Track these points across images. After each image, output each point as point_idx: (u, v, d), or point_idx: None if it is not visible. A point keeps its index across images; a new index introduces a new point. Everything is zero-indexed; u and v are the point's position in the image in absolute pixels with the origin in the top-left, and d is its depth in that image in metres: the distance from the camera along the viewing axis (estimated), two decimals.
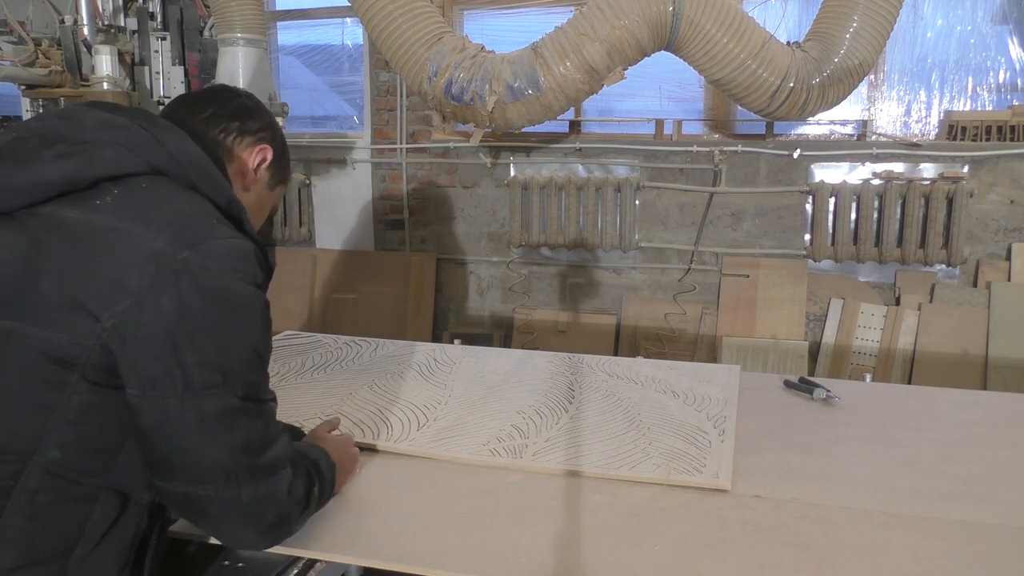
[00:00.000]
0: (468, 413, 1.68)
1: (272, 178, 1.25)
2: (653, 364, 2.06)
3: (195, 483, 0.94)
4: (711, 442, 1.53)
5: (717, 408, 1.72)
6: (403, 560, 1.13)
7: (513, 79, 3.36)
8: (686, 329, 4.06)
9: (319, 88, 4.81)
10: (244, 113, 1.19)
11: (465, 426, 1.60)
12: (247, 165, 1.19)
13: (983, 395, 2.06)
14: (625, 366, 2.04)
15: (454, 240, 4.48)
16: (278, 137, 1.25)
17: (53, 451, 0.90)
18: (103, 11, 3.25)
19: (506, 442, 1.52)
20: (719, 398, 1.78)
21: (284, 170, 1.28)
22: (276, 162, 1.24)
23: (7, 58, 3.03)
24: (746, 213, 3.96)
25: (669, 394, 1.81)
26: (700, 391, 1.83)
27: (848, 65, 3.23)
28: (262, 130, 1.21)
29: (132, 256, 0.89)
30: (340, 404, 1.72)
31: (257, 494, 0.97)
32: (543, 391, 1.82)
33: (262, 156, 1.21)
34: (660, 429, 1.59)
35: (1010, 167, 3.60)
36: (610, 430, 1.59)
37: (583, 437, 1.55)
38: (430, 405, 1.72)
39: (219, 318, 0.92)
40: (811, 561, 1.13)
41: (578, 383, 1.88)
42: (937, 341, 3.63)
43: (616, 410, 1.71)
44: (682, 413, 1.69)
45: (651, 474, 1.39)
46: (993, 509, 1.29)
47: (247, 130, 1.19)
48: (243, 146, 1.18)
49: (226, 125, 1.16)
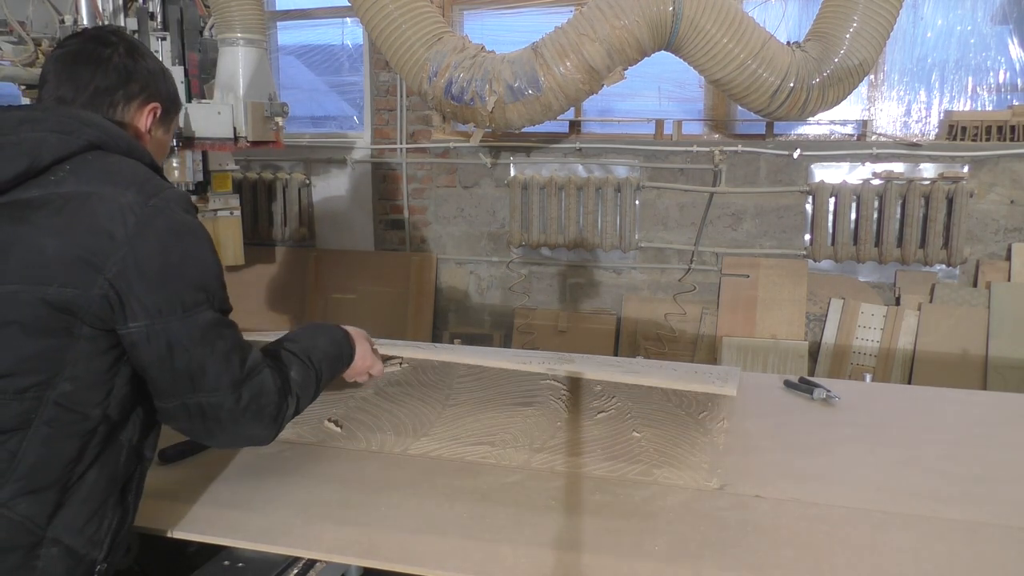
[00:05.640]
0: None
1: (163, 123, 1.29)
2: (646, 362, 2.11)
3: (208, 392, 1.09)
4: (712, 382, 1.53)
5: (718, 374, 1.69)
6: (403, 560, 1.13)
7: (513, 79, 3.36)
8: (686, 329, 4.06)
9: (319, 88, 4.81)
10: (123, 76, 1.21)
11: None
12: (140, 128, 1.24)
13: (983, 395, 2.06)
14: (620, 360, 2.10)
15: (454, 240, 4.48)
16: (159, 82, 1.26)
17: (64, 384, 1.02)
18: (103, 11, 3.25)
19: None
20: (719, 373, 1.76)
21: (173, 107, 1.31)
22: (166, 110, 1.28)
23: (7, 58, 3.03)
24: (746, 213, 3.96)
25: (669, 369, 1.86)
26: (702, 370, 1.87)
27: (848, 65, 3.23)
28: (145, 87, 1.23)
29: (111, 211, 1.03)
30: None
31: (252, 391, 1.13)
32: (542, 363, 1.80)
33: (152, 115, 1.25)
34: (662, 372, 1.67)
35: (1010, 167, 3.60)
36: (613, 370, 1.66)
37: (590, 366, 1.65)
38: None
39: (190, 246, 1.09)
40: (811, 561, 1.13)
41: (576, 365, 1.84)
42: (937, 341, 3.63)
43: (615, 367, 1.75)
44: (687, 374, 1.70)
45: (660, 382, 1.48)
46: (993, 509, 1.29)
47: (130, 95, 1.22)
48: (131, 112, 1.22)
49: (110, 99, 1.20)
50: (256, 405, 1.14)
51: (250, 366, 1.14)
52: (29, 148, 1.05)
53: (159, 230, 1.05)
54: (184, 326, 1.06)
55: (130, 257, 1.03)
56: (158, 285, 1.04)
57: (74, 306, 1.01)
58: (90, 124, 1.11)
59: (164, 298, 1.05)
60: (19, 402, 1.00)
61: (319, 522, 1.24)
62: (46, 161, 1.05)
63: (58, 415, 1.02)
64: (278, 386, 1.17)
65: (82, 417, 1.04)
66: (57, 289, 1.00)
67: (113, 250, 1.02)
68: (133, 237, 1.03)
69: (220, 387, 1.10)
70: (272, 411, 1.16)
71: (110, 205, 1.04)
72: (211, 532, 1.22)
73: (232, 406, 1.11)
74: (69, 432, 1.03)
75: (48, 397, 1.01)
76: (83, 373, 1.03)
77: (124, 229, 1.03)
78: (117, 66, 1.21)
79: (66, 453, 1.03)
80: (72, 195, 1.04)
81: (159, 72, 1.27)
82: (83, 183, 1.05)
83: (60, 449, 1.03)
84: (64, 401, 1.02)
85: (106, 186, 1.05)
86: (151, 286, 1.04)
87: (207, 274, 1.11)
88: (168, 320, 1.05)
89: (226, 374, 1.10)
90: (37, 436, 1.01)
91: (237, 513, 1.27)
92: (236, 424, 1.13)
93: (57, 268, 1.00)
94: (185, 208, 1.11)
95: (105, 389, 1.06)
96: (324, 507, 1.29)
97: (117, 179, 1.07)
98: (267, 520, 1.25)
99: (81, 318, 1.01)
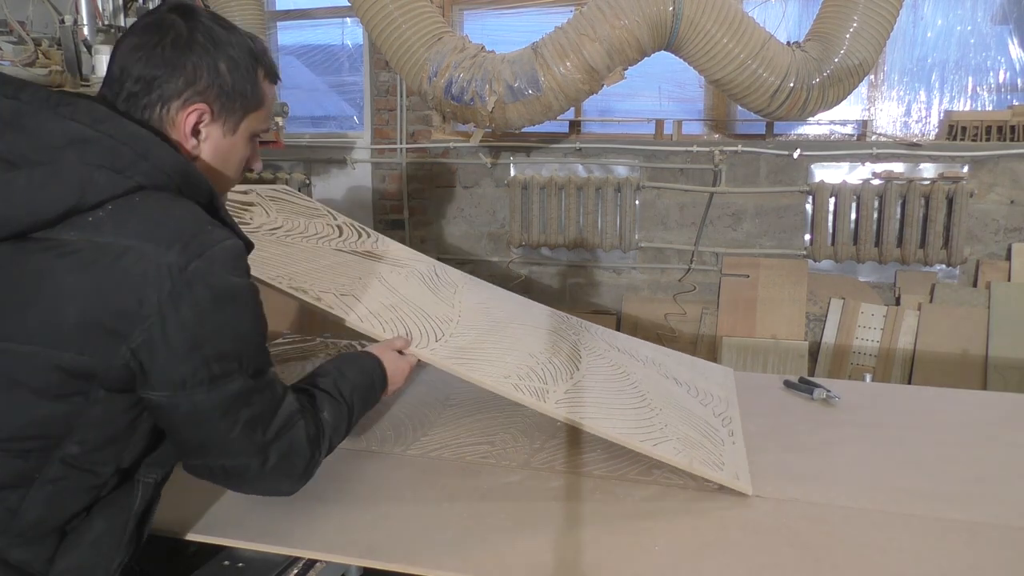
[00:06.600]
0: (481, 340, 1.53)
1: (226, 123, 1.09)
2: (651, 347, 1.97)
3: (230, 457, 1.04)
4: (723, 440, 1.49)
5: (721, 407, 1.70)
6: (403, 560, 1.13)
7: (513, 79, 3.36)
8: (686, 329, 4.06)
9: (319, 88, 4.80)
10: (158, 75, 1.03)
11: (481, 351, 1.47)
12: (182, 135, 1.06)
13: (983, 395, 2.06)
14: (623, 340, 1.93)
15: (454, 240, 4.48)
16: (210, 78, 1.06)
17: (73, 447, 0.95)
18: (103, 11, 3.25)
19: (527, 381, 1.40)
20: (721, 397, 1.76)
21: (239, 102, 1.09)
22: (222, 107, 1.08)
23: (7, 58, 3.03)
24: (746, 213, 3.96)
25: (672, 380, 1.74)
26: (701, 386, 1.80)
27: (848, 65, 3.23)
28: (185, 86, 1.04)
29: (147, 273, 0.92)
30: (351, 285, 1.52)
31: (282, 451, 1.07)
32: (549, 343, 1.66)
33: (195, 118, 1.06)
34: (671, 412, 1.51)
35: (1010, 167, 3.60)
36: (623, 401, 1.48)
37: (599, 398, 1.45)
38: (443, 320, 1.56)
39: (229, 315, 0.99)
40: (811, 561, 1.13)
41: (583, 345, 1.74)
42: (937, 341, 3.63)
43: (624, 382, 1.59)
44: (689, 402, 1.63)
45: (674, 457, 1.32)
46: (993, 509, 1.29)
47: (166, 97, 1.04)
48: (170, 117, 1.05)
49: (146, 101, 1.03)
50: (286, 463, 1.09)
51: (279, 425, 1.07)
52: (77, 184, 0.93)
53: (197, 298, 0.95)
54: (209, 398, 0.98)
55: (157, 327, 0.93)
56: (184, 357, 0.95)
57: (91, 372, 0.93)
58: (145, 155, 0.97)
59: (190, 370, 0.96)
60: (22, 460, 0.93)
61: (319, 522, 1.24)
62: (91, 203, 0.94)
63: (65, 474, 0.95)
64: (311, 436, 1.12)
65: (92, 475, 0.98)
66: (74, 356, 0.92)
67: (141, 319, 0.92)
68: (165, 305, 0.93)
69: (245, 452, 1.04)
70: (301, 468, 1.11)
71: (146, 266, 0.92)
72: (211, 532, 1.22)
73: (258, 468, 1.06)
74: (76, 488, 0.97)
75: (54, 456, 0.94)
76: (94, 435, 0.96)
77: (157, 295, 0.92)
78: (149, 60, 1.03)
79: (72, 507, 0.97)
80: (107, 248, 0.92)
81: (204, 65, 1.05)
82: (122, 234, 0.93)
83: (65, 504, 0.97)
84: (72, 461, 0.95)
85: (147, 242, 0.93)
86: (176, 358, 0.95)
87: (242, 341, 1.02)
88: (192, 392, 0.97)
89: (251, 442, 1.04)
90: (40, 494, 0.94)
91: (237, 513, 1.27)
92: (263, 482, 1.09)
93: (77, 334, 0.91)
94: (233, 268, 0.99)
95: (119, 447, 1.00)
96: (324, 507, 1.28)
97: (160, 233, 0.94)
98: (267, 520, 1.25)
99: (99, 382, 0.94)
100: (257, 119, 1.13)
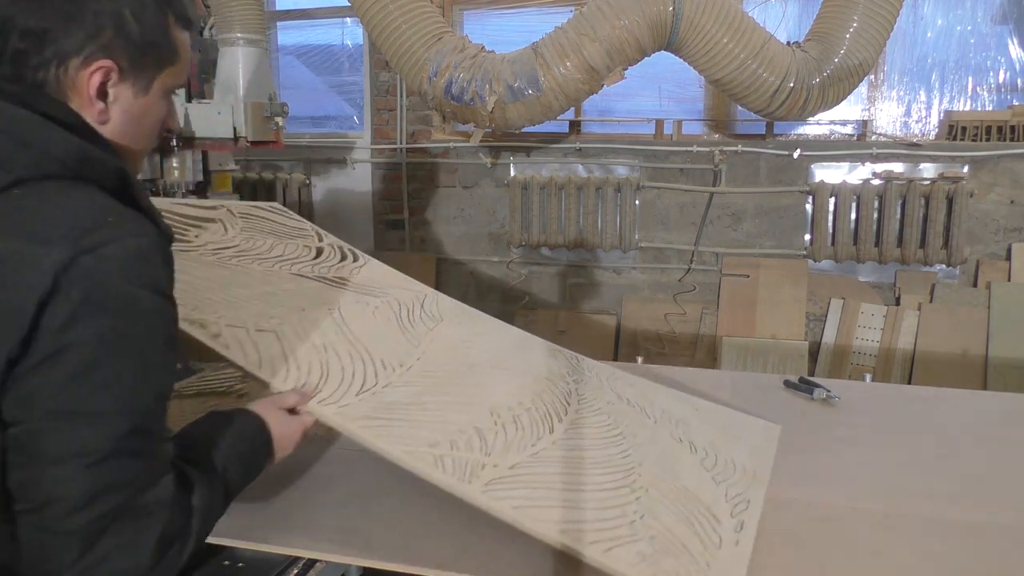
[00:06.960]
0: (430, 391, 1.28)
1: (137, 82, 0.90)
2: (677, 398, 1.65)
3: (49, 520, 0.77)
4: (721, 538, 1.14)
5: (741, 484, 1.31)
6: (403, 560, 1.13)
7: (513, 79, 3.36)
8: (686, 329, 4.06)
9: (319, 88, 4.81)
10: (50, 27, 0.84)
11: (418, 408, 1.21)
12: (85, 99, 0.87)
13: (983, 395, 2.06)
14: (641, 389, 1.62)
15: (454, 240, 4.48)
16: (115, 28, 0.87)
17: None
18: None
19: (459, 452, 1.13)
20: (746, 468, 1.38)
21: (152, 55, 0.90)
22: (131, 62, 0.89)
23: None
24: (746, 213, 3.96)
25: (686, 445, 1.40)
26: (724, 451, 1.42)
27: (848, 65, 3.23)
28: (86, 40, 0.85)
29: (24, 281, 0.75)
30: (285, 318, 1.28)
31: (120, 540, 0.79)
32: (532, 393, 1.38)
33: (100, 77, 0.87)
34: (661, 495, 1.20)
35: (1010, 167, 3.60)
36: (596, 478, 1.19)
37: (560, 478, 1.16)
38: (390, 365, 1.30)
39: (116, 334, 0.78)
40: (811, 561, 1.13)
41: (578, 396, 1.45)
42: (937, 341, 3.63)
43: (612, 449, 1.29)
44: (695, 478, 1.29)
45: (631, 568, 1.01)
46: (993, 509, 1.29)
47: (62, 54, 0.85)
48: (69, 77, 0.86)
49: (37, 60, 0.84)
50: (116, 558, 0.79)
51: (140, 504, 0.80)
52: None
53: (73, 302, 0.75)
54: (54, 431, 0.76)
55: (28, 333, 0.74)
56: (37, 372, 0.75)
57: None
58: (27, 143, 0.80)
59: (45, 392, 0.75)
60: None
61: (319, 522, 1.24)
62: None
63: None
64: (177, 529, 0.84)
65: None
66: None
67: (19, 329, 0.74)
68: (38, 308, 0.74)
69: (71, 517, 0.77)
70: None
71: (25, 274, 0.74)
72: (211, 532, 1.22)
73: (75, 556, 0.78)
74: None
75: None
76: None
77: (38, 299, 0.74)
78: (43, 12, 0.84)
79: None
80: None
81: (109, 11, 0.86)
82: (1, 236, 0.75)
83: None
84: None
85: (30, 242, 0.75)
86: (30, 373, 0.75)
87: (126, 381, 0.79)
88: (33, 419, 0.76)
89: (85, 509, 0.77)
90: None
91: (237, 513, 1.27)
92: None
93: None
94: (132, 273, 0.79)
95: None
96: (324, 507, 1.28)
97: (48, 229, 0.77)
98: (267, 520, 1.25)
99: None
100: (172, 74, 0.94)
